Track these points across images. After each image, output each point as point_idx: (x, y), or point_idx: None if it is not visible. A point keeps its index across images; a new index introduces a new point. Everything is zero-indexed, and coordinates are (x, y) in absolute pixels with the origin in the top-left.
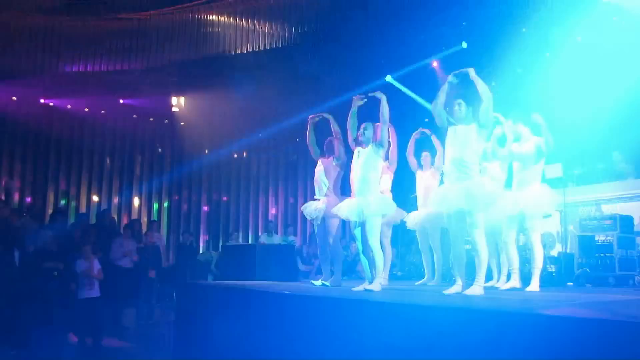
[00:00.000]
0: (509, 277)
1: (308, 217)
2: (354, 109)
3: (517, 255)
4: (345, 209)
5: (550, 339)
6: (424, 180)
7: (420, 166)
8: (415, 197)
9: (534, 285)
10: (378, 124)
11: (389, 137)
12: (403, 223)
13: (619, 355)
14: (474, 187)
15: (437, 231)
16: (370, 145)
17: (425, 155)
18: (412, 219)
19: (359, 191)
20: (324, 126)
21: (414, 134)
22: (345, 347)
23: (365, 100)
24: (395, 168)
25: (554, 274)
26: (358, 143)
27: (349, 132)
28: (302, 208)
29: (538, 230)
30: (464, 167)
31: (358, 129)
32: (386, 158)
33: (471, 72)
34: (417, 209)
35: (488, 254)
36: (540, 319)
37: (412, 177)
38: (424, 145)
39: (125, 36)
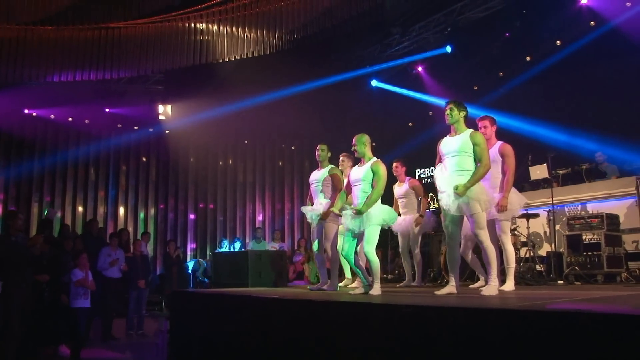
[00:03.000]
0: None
1: (309, 220)
2: None
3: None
4: (349, 219)
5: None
6: (401, 189)
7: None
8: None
9: (509, 284)
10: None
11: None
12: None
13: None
14: (474, 191)
15: (420, 235)
16: (370, 164)
17: (396, 166)
18: (397, 224)
19: (360, 204)
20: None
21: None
22: (347, 351)
23: None
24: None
25: (543, 273)
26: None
27: None
28: (302, 208)
29: (508, 232)
30: (463, 173)
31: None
32: None
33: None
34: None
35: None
36: (543, 315)
37: None
38: (394, 155)
39: (113, 45)
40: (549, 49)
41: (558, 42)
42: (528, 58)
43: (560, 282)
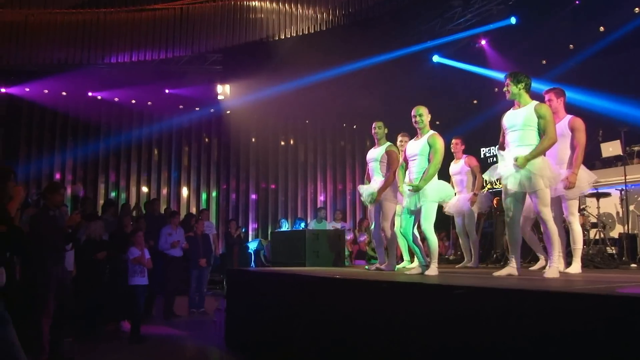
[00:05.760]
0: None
1: (363, 199)
2: None
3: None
4: (407, 197)
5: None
6: (457, 166)
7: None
8: None
9: (576, 267)
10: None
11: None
12: None
13: None
14: (537, 166)
15: (476, 215)
16: (427, 137)
17: (456, 142)
18: (451, 205)
19: (417, 179)
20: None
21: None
22: (404, 331)
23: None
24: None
25: (615, 256)
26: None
27: None
28: (358, 188)
29: (576, 211)
30: (526, 148)
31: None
32: None
33: None
34: None
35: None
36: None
37: None
38: (454, 133)
39: (169, 25)
40: (625, 17)
41: (636, 9)
42: (601, 28)
43: (633, 265)
